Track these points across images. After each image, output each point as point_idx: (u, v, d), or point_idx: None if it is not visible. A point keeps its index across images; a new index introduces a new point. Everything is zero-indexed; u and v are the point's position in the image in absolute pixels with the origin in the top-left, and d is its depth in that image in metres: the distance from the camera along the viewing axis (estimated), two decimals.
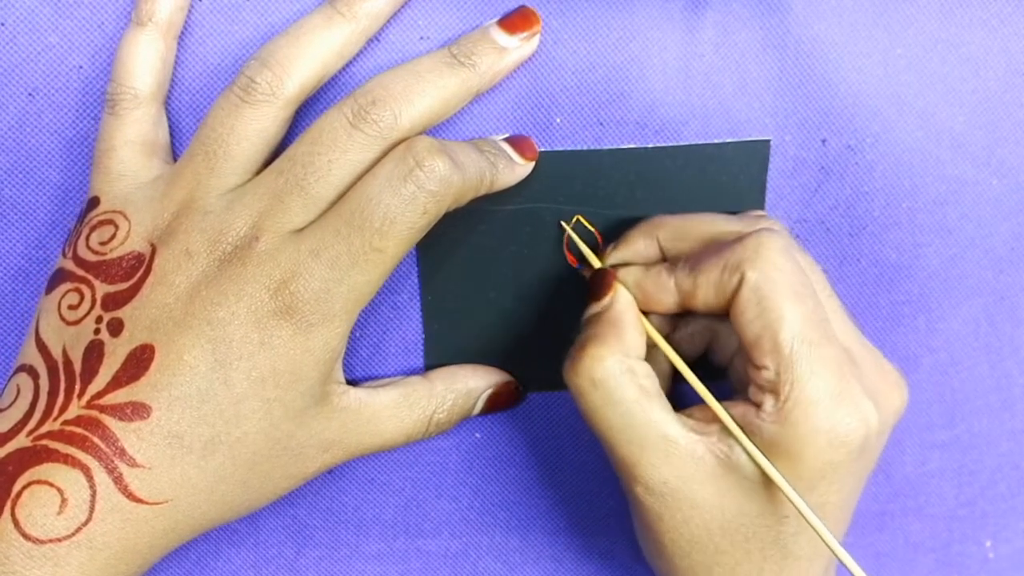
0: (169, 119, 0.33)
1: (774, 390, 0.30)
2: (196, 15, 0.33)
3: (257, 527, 0.38)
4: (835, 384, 0.30)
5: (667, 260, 0.34)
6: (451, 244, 0.36)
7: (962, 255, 0.39)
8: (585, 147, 0.35)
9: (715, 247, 0.32)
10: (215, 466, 0.30)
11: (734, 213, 0.36)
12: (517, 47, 0.33)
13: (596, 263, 0.35)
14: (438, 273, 0.36)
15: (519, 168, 0.34)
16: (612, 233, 0.36)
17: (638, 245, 0.34)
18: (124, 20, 0.33)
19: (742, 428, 0.31)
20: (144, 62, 0.32)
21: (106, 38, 0.33)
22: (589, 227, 0.36)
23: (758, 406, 0.30)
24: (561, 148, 0.35)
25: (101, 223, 0.31)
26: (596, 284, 0.34)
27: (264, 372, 0.29)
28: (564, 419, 0.39)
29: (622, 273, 0.34)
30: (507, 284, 0.37)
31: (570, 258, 0.36)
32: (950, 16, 0.36)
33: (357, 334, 0.36)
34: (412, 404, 0.34)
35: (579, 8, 0.34)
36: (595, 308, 0.33)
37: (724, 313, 0.32)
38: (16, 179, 0.34)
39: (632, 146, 0.36)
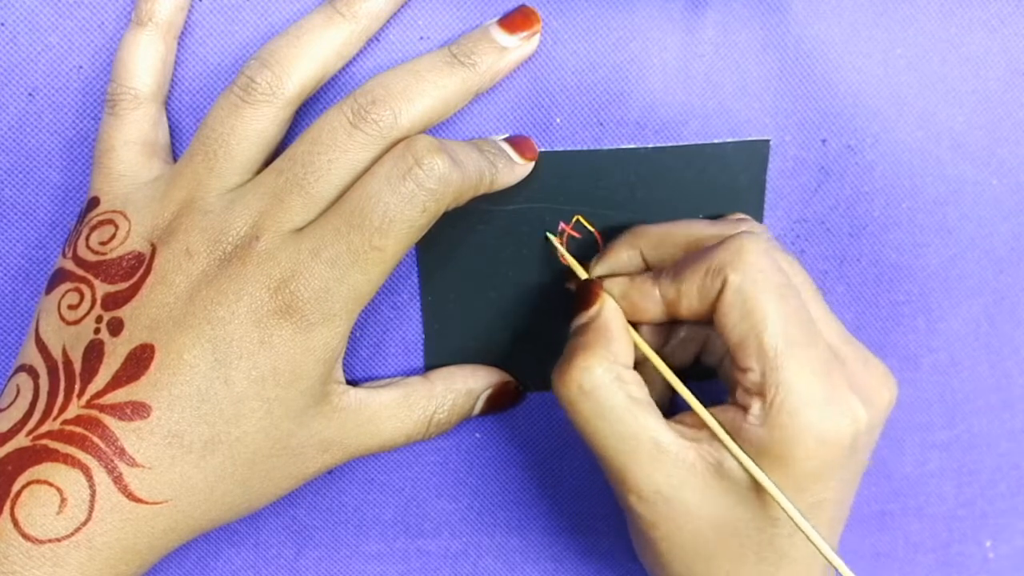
0: (169, 119, 0.33)
1: (760, 392, 0.30)
2: (196, 15, 0.33)
3: (257, 527, 0.38)
4: (822, 384, 0.30)
5: (651, 269, 0.34)
6: (451, 244, 0.36)
7: (962, 255, 0.39)
8: (585, 147, 0.35)
9: (696, 253, 0.32)
10: (215, 465, 0.29)
11: (718, 216, 0.36)
12: (517, 46, 0.33)
13: (582, 274, 0.35)
14: (438, 273, 0.36)
15: (519, 168, 0.34)
16: (613, 234, 0.36)
17: (621, 256, 0.34)
18: (124, 20, 0.33)
19: (731, 433, 0.31)
20: (144, 62, 0.32)
21: (106, 38, 0.33)
22: (589, 227, 0.36)
23: (745, 410, 0.30)
24: (561, 148, 0.35)
25: (101, 223, 0.31)
26: (582, 295, 0.33)
27: (264, 371, 0.29)
28: (564, 419, 0.38)
29: (608, 284, 0.33)
30: (507, 284, 0.37)
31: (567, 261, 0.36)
32: (950, 16, 0.36)
33: (357, 334, 0.36)
34: (412, 405, 0.34)
35: (579, 8, 0.34)
36: (582, 319, 0.33)
37: (709, 319, 0.31)
38: (16, 179, 0.33)
39: (632, 146, 0.35)
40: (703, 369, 0.35)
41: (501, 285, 0.36)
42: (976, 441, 0.42)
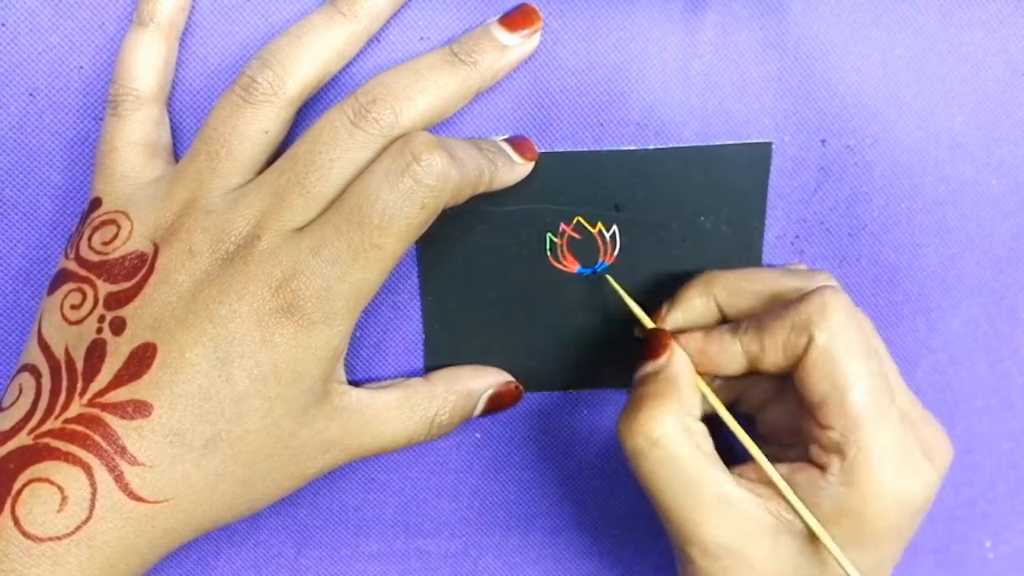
0: (171, 119, 0.33)
1: (839, 451, 0.30)
2: (197, 15, 0.33)
3: (258, 527, 0.38)
4: (899, 446, 0.30)
5: (726, 319, 0.34)
6: (451, 244, 0.35)
7: (961, 255, 0.38)
8: (585, 148, 0.35)
9: (779, 307, 0.32)
10: (216, 464, 0.29)
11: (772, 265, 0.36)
12: (518, 45, 0.33)
13: (648, 324, 0.34)
14: (438, 273, 0.36)
15: (518, 168, 0.34)
16: (617, 235, 0.36)
17: (695, 302, 0.34)
18: (125, 21, 0.33)
19: (805, 491, 0.31)
20: (146, 63, 0.31)
21: (107, 39, 0.33)
22: (589, 228, 0.36)
23: (822, 468, 0.30)
24: (561, 149, 0.35)
25: (103, 223, 0.31)
26: (652, 344, 0.33)
27: (266, 370, 0.29)
28: (563, 419, 0.39)
29: (684, 339, 0.33)
30: (507, 284, 0.36)
31: (570, 260, 0.36)
32: (950, 16, 0.36)
33: (358, 334, 0.36)
34: (414, 406, 0.34)
35: (579, 8, 0.34)
36: (650, 367, 0.33)
37: (789, 373, 0.32)
38: (17, 180, 0.33)
39: (633, 148, 0.35)
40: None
41: (501, 285, 0.36)
42: (976, 441, 0.41)
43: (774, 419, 0.35)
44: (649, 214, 0.36)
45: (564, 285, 0.37)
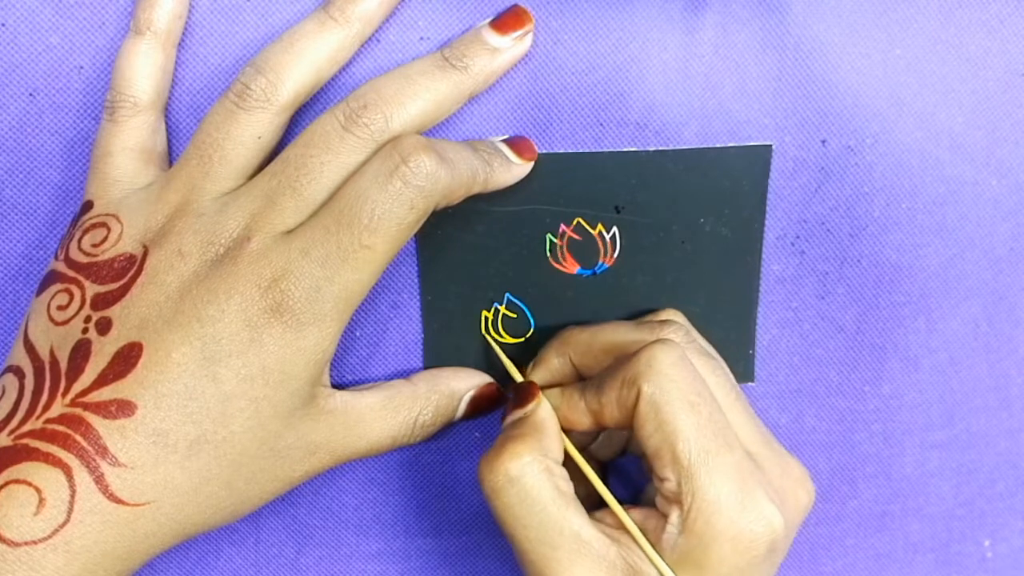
0: (170, 120, 0.33)
1: (677, 501, 0.30)
2: (197, 16, 0.32)
3: (258, 526, 0.37)
4: (737, 491, 0.30)
5: (583, 377, 0.34)
6: (451, 244, 0.35)
7: (961, 255, 0.38)
8: (585, 149, 0.35)
9: (615, 364, 0.32)
10: (200, 466, 0.28)
11: (639, 319, 0.36)
12: (510, 47, 0.33)
13: (518, 377, 0.35)
14: (438, 273, 0.35)
15: (516, 168, 0.33)
16: (618, 235, 0.35)
17: (552, 363, 0.35)
18: (125, 21, 0.32)
19: (652, 539, 0.31)
20: (142, 71, 0.31)
21: (107, 39, 0.32)
22: (589, 229, 0.35)
23: (665, 517, 0.30)
24: (561, 150, 0.35)
25: (94, 226, 0.30)
26: (520, 394, 0.33)
27: (253, 370, 0.28)
28: None
29: (543, 396, 0.33)
30: (507, 285, 0.36)
31: (570, 262, 0.36)
32: (950, 16, 0.35)
33: (356, 334, 0.36)
34: (397, 407, 0.34)
35: (579, 8, 0.34)
36: (517, 414, 0.33)
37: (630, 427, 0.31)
38: (16, 179, 0.33)
39: (633, 149, 0.35)
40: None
41: (501, 286, 0.36)
42: (974, 440, 0.41)
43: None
44: (649, 216, 0.36)
45: (564, 286, 0.36)
